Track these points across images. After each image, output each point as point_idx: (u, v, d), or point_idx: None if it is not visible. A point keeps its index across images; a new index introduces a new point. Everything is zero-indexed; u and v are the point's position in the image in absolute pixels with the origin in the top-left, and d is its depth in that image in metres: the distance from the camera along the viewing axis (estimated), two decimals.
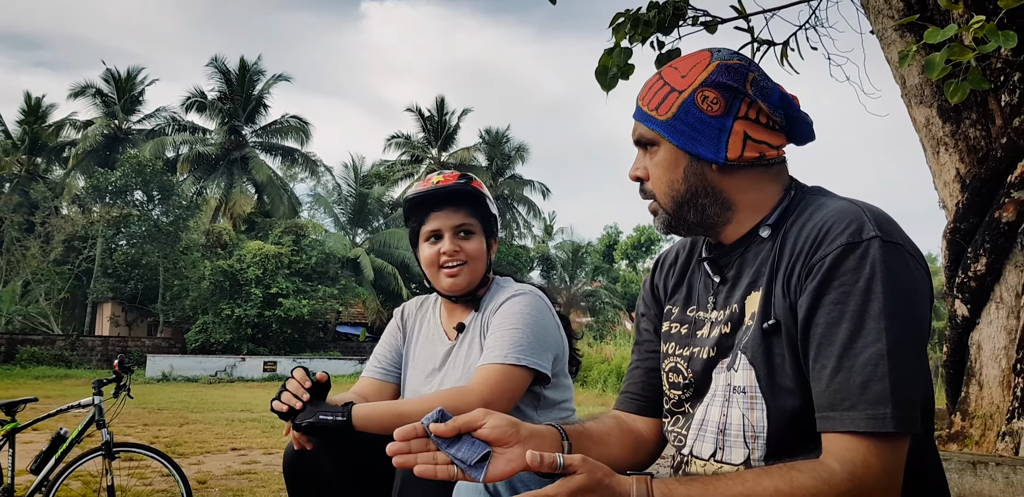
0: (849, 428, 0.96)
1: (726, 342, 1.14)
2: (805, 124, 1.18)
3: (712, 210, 1.16)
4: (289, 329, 27.35)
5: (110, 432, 3.54)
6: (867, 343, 0.97)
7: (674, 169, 1.16)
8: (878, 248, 1.00)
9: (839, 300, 1.00)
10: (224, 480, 5.73)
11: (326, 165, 36.16)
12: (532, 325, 1.76)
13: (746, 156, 1.13)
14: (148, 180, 28.53)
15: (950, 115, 3.19)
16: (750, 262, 1.15)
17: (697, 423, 1.17)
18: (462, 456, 1.02)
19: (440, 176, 1.90)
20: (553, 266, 42.61)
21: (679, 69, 1.17)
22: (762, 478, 0.96)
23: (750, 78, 1.14)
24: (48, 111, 35.22)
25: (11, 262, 29.30)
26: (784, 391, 1.06)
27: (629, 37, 3.85)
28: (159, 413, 11.29)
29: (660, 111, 1.15)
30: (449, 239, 1.86)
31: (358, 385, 2.00)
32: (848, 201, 1.09)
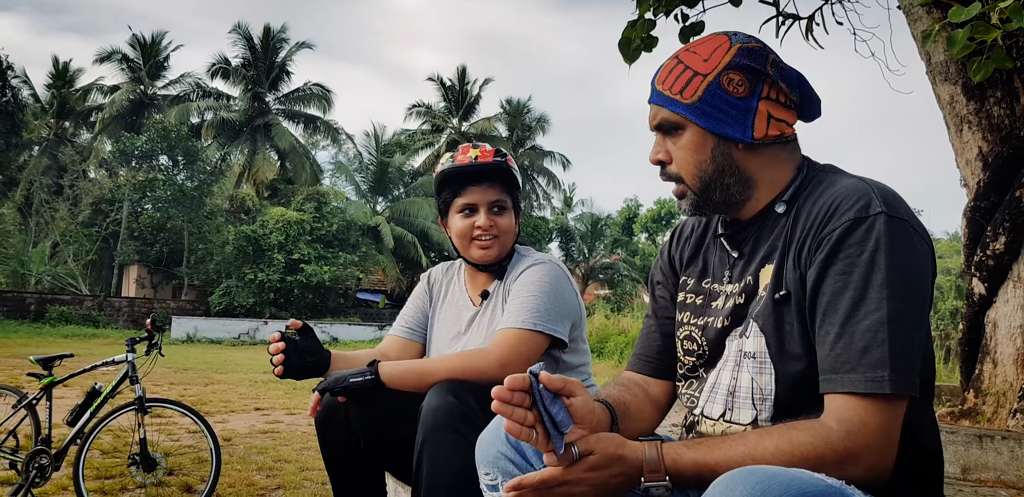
0: (848, 389, 1.02)
1: (740, 312, 1.20)
2: (817, 102, 1.23)
3: (736, 189, 1.20)
4: (310, 294, 27.72)
5: (143, 388, 3.68)
6: (868, 311, 1.03)
7: (702, 151, 1.20)
8: (883, 223, 1.05)
9: (844, 271, 1.06)
10: (248, 438, 5.92)
11: (348, 133, 36.26)
12: (550, 293, 1.84)
13: (769, 135, 1.18)
14: (173, 145, 28.76)
15: (974, 93, 3.18)
16: (765, 237, 1.20)
17: (709, 386, 1.23)
18: (560, 418, 1.02)
19: (477, 151, 1.94)
20: (572, 238, 42.59)
21: (699, 53, 1.20)
22: (763, 438, 1.02)
23: (770, 60, 1.19)
24: (76, 76, 35.47)
25: (40, 224, 29.80)
26: (792, 357, 1.12)
27: (653, 9, 3.84)
28: (184, 373, 11.57)
29: (685, 95, 1.19)
30: (484, 214, 1.93)
31: (383, 343, 2.10)
32: (858, 179, 1.14)
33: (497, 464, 1.20)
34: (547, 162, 39.93)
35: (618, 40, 3.79)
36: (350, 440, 1.83)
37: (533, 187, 40.08)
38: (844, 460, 0.99)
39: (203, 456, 4.89)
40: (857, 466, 0.99)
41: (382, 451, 1.85)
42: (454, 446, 1.46)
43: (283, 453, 5.27)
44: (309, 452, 5.34)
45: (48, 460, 3.62)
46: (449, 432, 1.49)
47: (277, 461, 4.97)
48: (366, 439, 1.82)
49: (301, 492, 4.11)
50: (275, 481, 4.39)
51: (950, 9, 2.36)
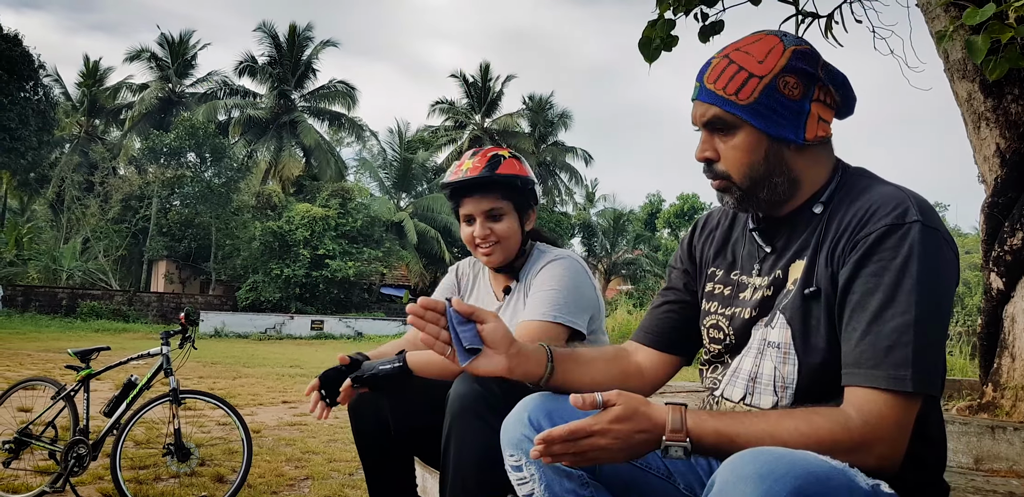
0: (871, 383, 1.07)
1: (767, 303, 1.25)
2: (854, 101, 1.28)
3: (783, 188, 1.24)
4: (335, 289, 28.02)
5: (177, 380, 3.81)
6: (896, 313, 1.08)
7: (756, 151, 1.23)
8: (918, 231, 1.10)
9: (876, 273, 1.11)
10: (277, 430, 6.05)
11: (371, 130, 36.54)
12: (569, 286, 1.93)
13: (819, 135, 1.23)
14: (201, 142, 29.18)
15: (992, 90, 3.19)
16: (798, 234, 1.25)
17: (731, 371, 1.29)
18: (464, 336, 1.19)
19: (470, 162, 2.03)
20: (594, 233, 42.51)
21: (753, 54, 1.22)
22: (784, 418, 1.08)
23: (821, 62, 1.23)
24: (106, 74, 36.06)
25: (72, 220, 30.40)
26: (816, 349, 1.17)
27: (672, 8, 3.87)
28: (213, 367, 11.79)
29: (741, 96, 1.21)
30: (480, 223, 2.03)
31: (410, 333, 2.16)
32: (895, 187, 1.20)
33: (521, 446, 1.27)
34: (569, 158, 39.90)
35: (638, 40, 3.83)
36: (381, 427, 1.93)
37: (555, 183, 40.08)
38: (858, 448, 1.05)
39: (233, 447, 5.03)
40: (869, 455, 1.05)
41: (411, 438, 1.94)
42: (480, 431, 1.54)
43: (311, 445, 5.39)
44: (336, 444, 5.46)
45: (86, 450, 3.75)
46: (475, 418, 1.57)
47: (305, 452, 5.10)
48: (396, 426, 1.92)
49: (329, 483, 4.22)
50: (303, 472, 4.51)
51: (965, 10, 2.39)
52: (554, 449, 1.11)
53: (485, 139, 37.67)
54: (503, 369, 1.23)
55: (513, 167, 2.03)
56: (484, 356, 1.22)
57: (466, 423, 1.58)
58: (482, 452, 1.51)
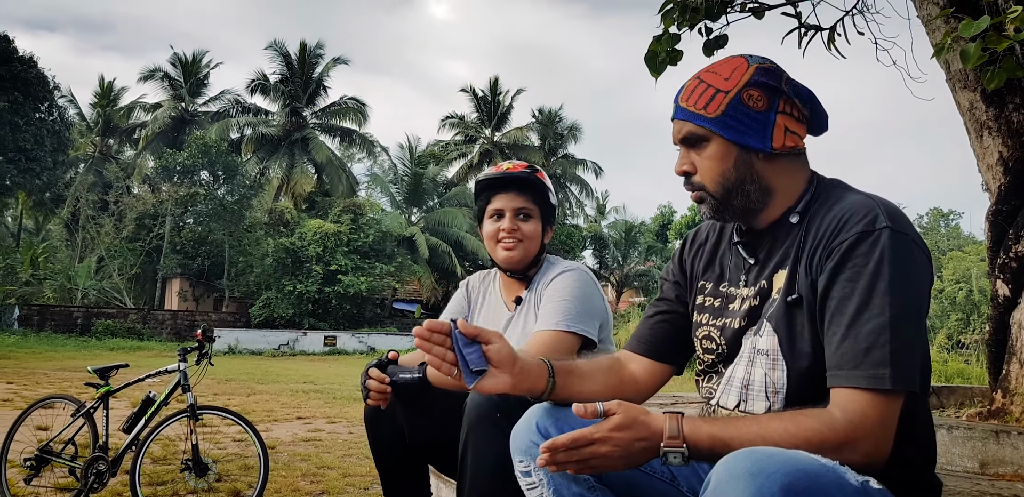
0: (853, 384, 1.13)
1: (755, 313, 1.32)
2: (824, 117, 1.35)
3: (755, 196, 1.32)
4: (348, 305, 28.10)
5: (194, 396, 3.86)
6: (872, 315, 1.14)
7: (726, 160, 1.31)
8: (888, 237, 1.17)
9: (851, 278, 1.17)
10: (292, 446, 6.10)
11: (382, 145, 36.80)
12: (580, 296, 2.00)
13: (786, 145, 1.30)
14: (214, 160, 29.45)
15: (993, 99, 3.23)
16: (779, 245, 1.31)
17: (725, 380, 1.35)
18: (470, 358, 1.23)
19: (510, 164, 2.16)
20: (606, 245, 42.52)
21: (720, 73, 1.32)
22: (774, 420, 1.14)
23: (784, 78, 1.32)
24: (119, 94, 36.52)
25: (86, 239, 30.68)
26: (802, 354, 1.23)
27: (677, 23, 3.93)
28: (227, 383, 11.86)
29: (709, 110, 1.30)
30: (509, 218, 2.12)
31: None
32: (865, 195, 1.26)
33: (529, 452, 1.33)
34: (580, 170, 40.01)
35: (644, 54, 3.90)
36: (397, 437, 2.00)
37: (566, 195, 40.16)
38: (844, 446, 1.10)
39: (249, 463, 5.07)
40: (856, 452, 1.10)
41: (427, 447, 2.00)
42: (496, 439, 1.59)
43: (326, 460, 5.43)
44: (351, 459, 5.50)
45: (106, 466, 3.80)
46: (490, 425, 1.63)
47: (320, 468, 5.13)
48: (412, 436, 1.98)
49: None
50: (319, 487, 4.54)
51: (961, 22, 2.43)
52: (558, 457, 1.16)
53: (495, 153, 37.84)
54: (507, 387, 1.28)
55: (546, 179, 2.16)
56: (489, 375, 1.26)
57: (483, 431, 1.64)
58: (498, 459, 1.56)
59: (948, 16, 3.21)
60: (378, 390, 1.90)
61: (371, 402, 1.93)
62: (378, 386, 1.90)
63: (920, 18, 3.50)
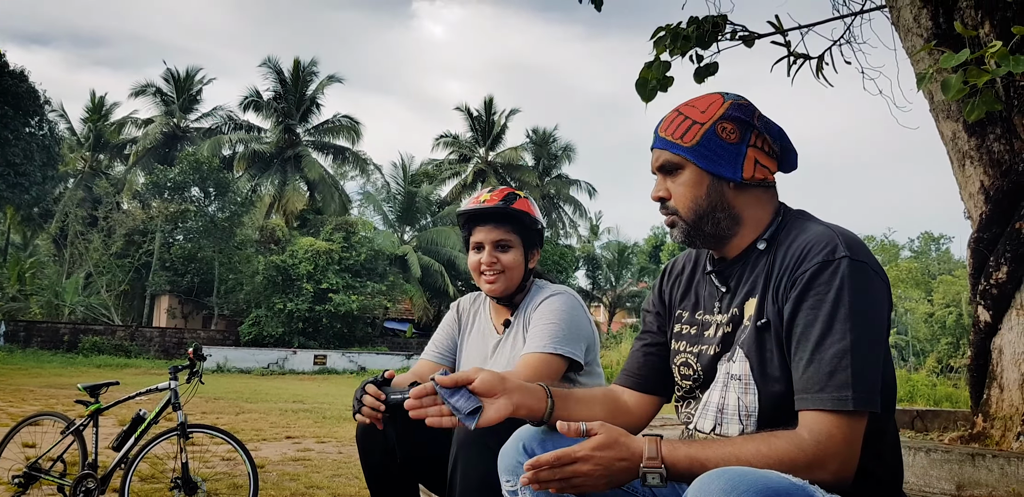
0: (818, 406, 1.19)
1: (728, 340, 1.38)
2: (794, 154, 1.44)
3: (725, 223, 1.40)
4: (339, 324, 28.00)
5: (185, 414, 3.87)
6: (834, 341, 1.20)
7: (698, 187, 1.40)
8: (847, 265, 1.24)
9: (814, 306, 1.24)
10: (281, 465, 6.07)
11: (376, 164, 36.94)
12: (567, 320, 2.05)
13: (756, 177, 1.39)
14: (205, 177, 29.46)
15: (975, 130, 3.32)
16: (748, 273, 1.39)
17: (702, 405, 1.41)
18: (459, 406, 1.31)
19: (488, 194, 2.19)
20: (599, 266, 42.62)
21: (697, 106, 1.42)
22: (747, 442, 1.20)
23: (756, 114, 1.41)
24: (111, 109, 36.58)
25: (75, 255, 30.56)
26: (772, 379, 1.29)
27: (669, 50, 4.03)
28: (216, 402, 11.79)
29: (685, 139, 1.39)
30: (488, 251, 2.16)
31: (416, 366, 2.31)
32: (826, 226, 1.34)
33: (515, 471, 1.38)
34: (573, 190, 40.21)
35: (635, 81, 3.99)
36: (388, 455, 2.03)
37: (559, 215, 40.33)
38: (813, 465, 1.15)
39: (238, 482, 5.06)
40: (824, 471, 1.16)
41: (417, 465, 2.04)
42: (482, 458, 1.64)
43: (315, 480, 5.41)
44: (340, 479, 5.49)
45: (95, 484, 3.79)
46: (479, 445, 1.68)
47: (309, 487, 5.12)
48: (402, 454, 2.02)
49: None
50: None
51: (943, 54, 2.52)
52: (542, 475, 1.21)
53: (489, 172, 38.02)
54: (509, 410, 1.35)
55: (525, 206, 2.18)
56: (487, 407, 1.34)
57: (471, 451, 1.69)
58: (486, 479, 1.60)
59: (931, 49, 3.32)
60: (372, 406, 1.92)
61: (360, 418, 1.93)
62: (373, 402, 1.91)
63: (905, 49, 3.61)
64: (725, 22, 4.05)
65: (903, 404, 14.38)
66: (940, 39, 3.34)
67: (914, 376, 18.20)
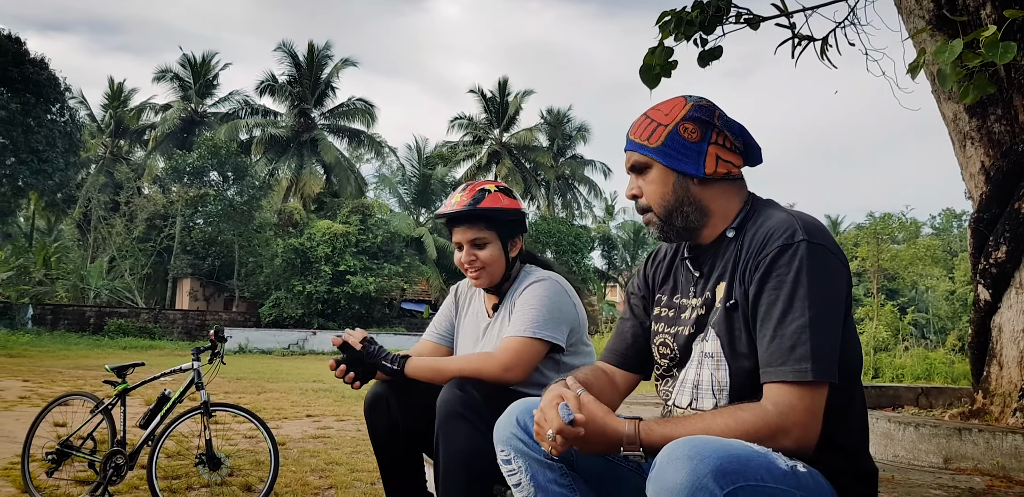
0: (780, 378, 1.29)
1: (702, 321, 1.49)
2: (757, 149, 1.55)
3: (693, 216, 1.51)
4: (357, 305, 28.31)
5: (207, 393, 4.02)
6: (794, 318, 1.31)
7: (665, 184, 1.51)
8: (805, 248, 1.34)
9: (776, 286, 1.35)
10: (301, 443, 6.26)
11: (391, 146, 37.11)
12: (548, 305, 2.17)
13: (719, 172, 1.49)
14: (223, 161, 29.70)
15: (976, 111, 3.35)
16: (719, 259, 1.50)
17: (679, 382, 1.52)
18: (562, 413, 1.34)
19: (460, 195, 2.31)
20: (614, 246, 42.57)
21: (662, 110, 1.53)
22: (716, 417, 1.30)
23: (717, 114, 1.52)
24: (130, 95, 36.85)
25: (98, 239, 30.99)
26: (742, 355, 1.40)
27: (674, 35, 4.07)
28: (238, 382, 12.05)
29: (651, 141, 1.51)
30: (466, 251, 2.28)
31: (418, 345, 2.46)
32: (787, 213, 1.44)
33: (510, 442, 1.51)
34: (588, 171, 40.11)
35: (639, 67, 4.03)
36: (393, 427, 2.19)
37: (574, 196, 40.28)
38: (776, 434, 1.26)
39: (260, 459, 5.24)
40: (787, 438, 1.26)
41: (419, 437, 2.19)
42: (465, 430, 1.81)
43: (334, 456, 5.59)
44: (359, 455, 5.66)
45: (123, 460, 3.96)
46: (460, 419, 1.85)
47: (329, 463, 5.29)
48: (406, 425, 2.17)
49: (352, 491, 4.41)
50: (327, 481, 4.70)
51: (941, 36, 2.56)
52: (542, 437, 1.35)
53: (503, 154, 38.00)
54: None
55: (497, 200, 2.28)
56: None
57: (453, 424, 1.86)
58: (467, 448, 1.77)
59: (933, 28, 3.35)
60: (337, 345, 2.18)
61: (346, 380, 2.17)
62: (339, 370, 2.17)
63: (908, 31, 3.63)
64: (729, 5, 4.07)
65: (920, 382, 14.39)
66: (940, 21, 3.37)
67: (931, 354, 18.13)
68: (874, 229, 25.89)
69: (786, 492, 1.18)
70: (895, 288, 38.75)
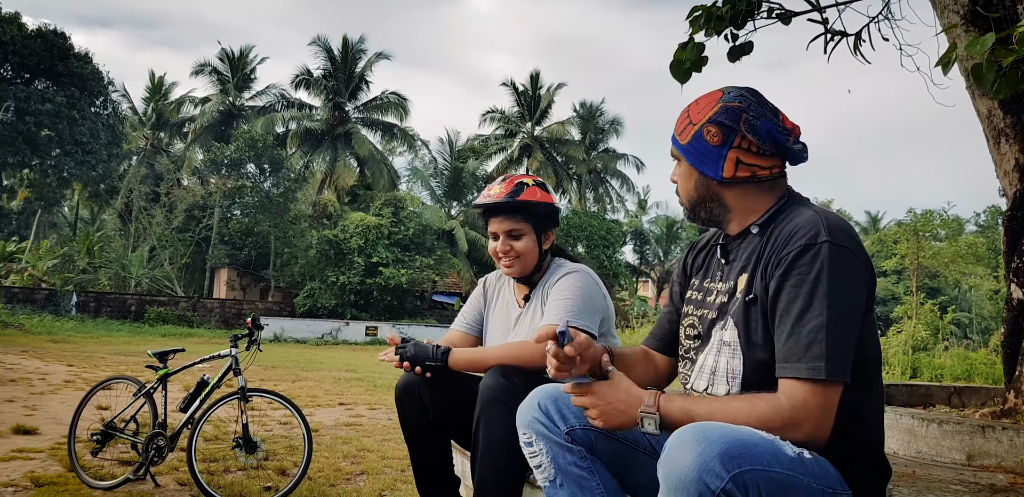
0: (795, 375, 1.33)
1: (723, 309, 1.53)
2: (791, 151, 1.53)
3: (716, 211, 1.57)
4: (389, 296, 28.61)
5: (244, 379, 4.15)
6: (813, 316, 1.33)
7: (689, 180, 1.57)
8: (827, 249, 1.36)
9: (796, 284, 1.37)
10: (334, 430, 6.40)
11: (423, 140, 37.20)
12: (581, 295, 2.24)
13: (738, 176, 1.51)
14: (260, 154, 30.15)
15: (1011, 107, 3.31)
16: (744, 251, 1.53)
17: (698, 367, 1.57)
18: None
19: (499, 187, 2.37)
20: (647, 241, 42.40)
21: (699, 105, 1.55)
22: (734, 400, 1.36)
23: (743, 118, 1.49)
24: (170, 89, 37.52)
25: (139, 229, 31.66)
26: (757, 346, 1.44)
27: (704, 31, 4.07)
28: (273, 370, 12.29)
29: (682, 137, 1.56)
30: (502, 240, 2.36)
31: (448, 335, 2.53)
32: (815, 212, 1.45)
33: (531, 426, 1.58)
34: (620, 165, 39.91)
35: (670, 62, 4.05)
36: (423, 414, 2.27)
37: (606, 190, 40.12)
38: (788, 426, 1.30)
39: (294, 444, 5.38)
40: (798, 431, 1.30)
41: (448, 423, 2.27)
42: (504, 416, 1.88)
43: (366, 443, 5.71)
44: (390, 443, 5.78)
45: (164, 442, 4.10)
46: (500, 404, 1.93)
47: (360, 450, 5.42)
48: (436, 414, 2.24)
49: (382, 477, 4.52)
50: (359, 467, 4.82)
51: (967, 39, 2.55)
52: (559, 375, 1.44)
53: (535, 147, 37.97)
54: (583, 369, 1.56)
55: (534, 194, 2.34)
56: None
57: (493, 409, 1.93)
58: (506, 433, 1.83)
59: (968, 24, 3.31)
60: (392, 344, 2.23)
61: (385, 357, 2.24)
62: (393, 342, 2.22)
63: (942, 26, 3.60)
64: (760, 1, 4.06)
65: (961, 382, 14.16)
66: (973, 16, 3.34)
67: (972, 355, 17.80)
68: (914, 226, 25.39)
69: (792, 477, 1.22)
70: (936, 286, 38.00)
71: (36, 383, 8.60)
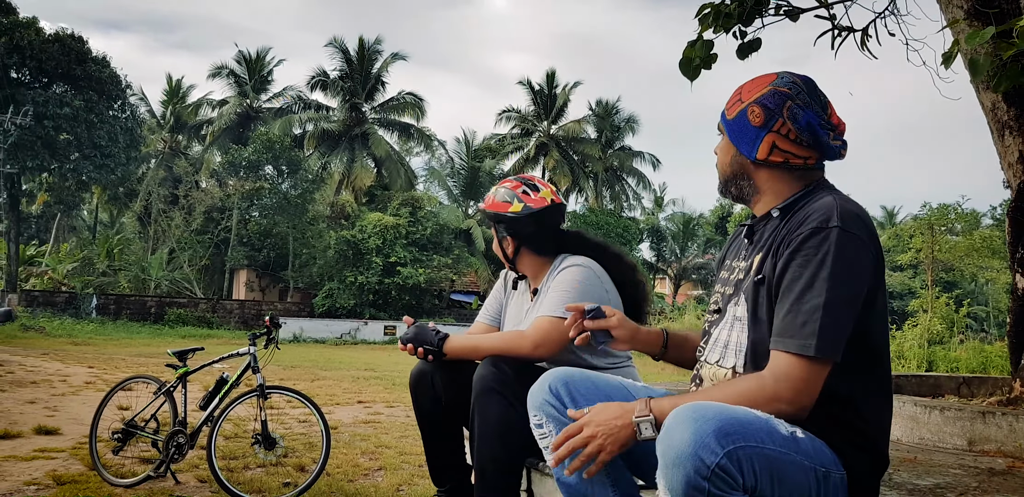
0: (785, 349, 1.39)
1: (739, 285, 1.59)
2: (830, 148, 1.55)
3: (746, 190, 1.62)
4: (407, 296, 28.75)
5: (263, 376, 4.22)
6: (812, 296, 1.39)
7: (727, 154, 1.64)
8: (836, 235, 1.41)
9: (801, 265, 1.43)
10: (353, 427, 6.48)
11: (440, 139, 37.35)
12: (577, 287, 2.31)
13: (771, 159, 1.56)
14: (278, 156, 30.39)
15: (1014, 100, 3.33)
16: (765, 233, 1.58)
17: (713, 340, 1.64)
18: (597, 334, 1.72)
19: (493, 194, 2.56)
20: (663, 238, 42.30)
21: (753, 83, 1.60)
22: (721, 387, 1.43)
23: (787, 105, 1.53)
24: (187, 91, 37.88)
25: (158, 232, 32.02)
26: (761, 322, 1.49)
27: (712, 28, 4.11)
28: (292, 370, 12.42)
29: (729, 112, 1.61)
30: (494, 245, 2.55)
31: (473, 326, 2.66)
32: (833, 198, 1.49)
33: (542, 408, 1.65)
34: (637, 162, 39.86)
35: (679, 60, 4.09)
36: (436, 401, 2.36)
37: (623, 188, 40.08)
38: (772, 399, 1.36)
39: (313, 441, 5.46)
40: (781, 402, 1.36)
41: (459, 410, 2.33)
42: (498, 403, 1.97)
43: (384, 440, 5.78)
44: (407, 439, 5.85)
45: (185, 439, 4.18)
46: (493, 393, 2.01)
47: (378, 447, 5.49)
48: (448, 400, 2.33)
49: (400, 473, 4.58)
50: (377, 463, 4.89)
51: (967, 32, 2.58)
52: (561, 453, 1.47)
53: (551, 146, 37.99)
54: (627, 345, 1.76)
55: (488, 201, 2.51)
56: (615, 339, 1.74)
57: (487, 398, 2.02)
58: (500, 421, 1.90)
59: (972, 18, 3.33)
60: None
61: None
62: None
63: (946, 20, 3.62)
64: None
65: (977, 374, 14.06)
66: (977, 11, 3.35)
67: (988, 347, 17.66)
68: (929, 220, 25.16)
69: (784, 454, 1.28)
70: (952, 280, 37.63)
71: (57, 385, 8.76)
